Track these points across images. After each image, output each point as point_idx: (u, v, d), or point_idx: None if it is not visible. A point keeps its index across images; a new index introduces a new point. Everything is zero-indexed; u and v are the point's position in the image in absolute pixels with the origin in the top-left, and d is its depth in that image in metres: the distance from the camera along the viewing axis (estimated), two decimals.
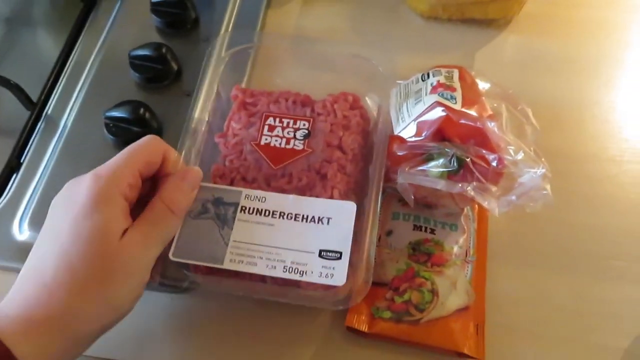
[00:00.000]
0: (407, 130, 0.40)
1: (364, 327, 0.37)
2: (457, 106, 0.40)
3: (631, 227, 0.43)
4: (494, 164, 0.37)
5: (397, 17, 0.55)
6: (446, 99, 0.40)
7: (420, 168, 0.38)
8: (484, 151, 0.38)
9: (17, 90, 0.47)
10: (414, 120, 0.40)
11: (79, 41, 0.53)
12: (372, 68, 0.46)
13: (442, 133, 0.39)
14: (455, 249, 0.41)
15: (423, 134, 0.39)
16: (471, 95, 0.41)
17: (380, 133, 0.40)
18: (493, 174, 0.38)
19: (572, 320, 0.39)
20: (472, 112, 0.40)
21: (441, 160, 0.38)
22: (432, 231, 0.41)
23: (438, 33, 0.54)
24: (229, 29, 0.54)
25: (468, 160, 0.37)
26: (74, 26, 0.54)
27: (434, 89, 0.41)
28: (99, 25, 0.54)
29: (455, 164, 0.37)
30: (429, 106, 0.40)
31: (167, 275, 0.35)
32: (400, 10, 0.56)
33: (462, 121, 0.39)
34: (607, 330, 0.39)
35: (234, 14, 0.56)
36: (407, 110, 0.42)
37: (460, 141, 0.39)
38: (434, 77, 0.42)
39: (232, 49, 0.49)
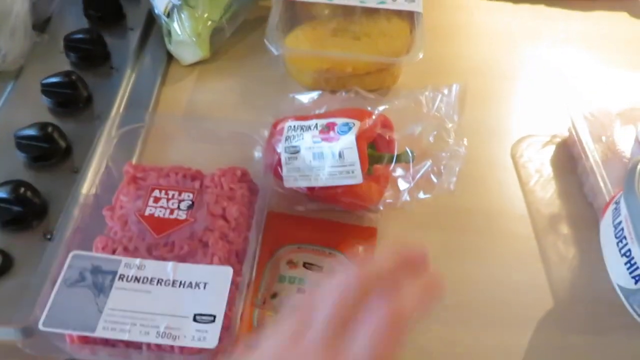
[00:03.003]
0: None
1: None
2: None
3: (497, 276, 0.49)
4: None
5: (285, 90, 0.62)
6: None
7: None
8: None
9: None
10: None
11: None
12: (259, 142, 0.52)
13: None
14: None
15: None
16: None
17: (259, 205, 0.45)
18: None
19: None
20: None
21: None
22: None
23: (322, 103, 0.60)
24: (122, 106, 0.59)
25: None
26: None
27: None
28: None
29: None
30: None
31: (38, 347, 0.37)
32: (288, 83, 0.63)
33: None
34: None
35: (128, 91, 0.61)
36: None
37: None
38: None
39: (123, 127, 0.53)
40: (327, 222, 0.52)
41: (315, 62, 0.60)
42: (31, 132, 0.51)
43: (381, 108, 0.47)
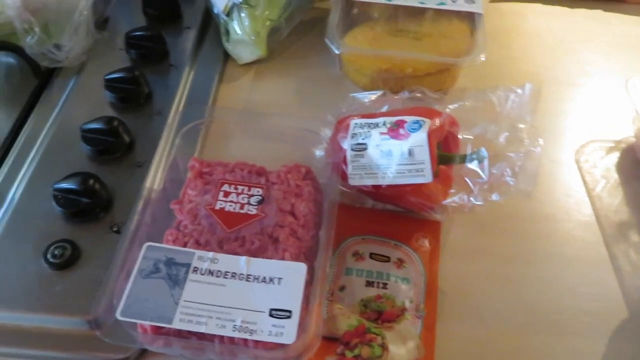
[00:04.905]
0: None
1: None
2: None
3: (567, 283, 0.48)
4: None
5: (341, 90, 0.61)
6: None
7: None
8: None
9: None
10: None
11: (31, 116, 0.57)
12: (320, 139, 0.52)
13: None
14: (407, 303, 0.44)
15: None
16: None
17: (328, 203, 0.45)
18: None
19: None
20: None
21: None
22: (385, 285, 0.45)
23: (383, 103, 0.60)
24: (182, 103, 0.59)
25: None
26: (27, 101, 0.58)
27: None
28: (52, 101, 0.58)
29: None
30: None
31: (114, 336, 0.37)
32: (344, 84, 0.63)
33: None
34: None
35: (187, 88, 0.61)
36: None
37: None
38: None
39: (184, 123, 0.53)
40: (389, 214, 0.52)
41: (375, 62, 0.60)
42: (97, 125, 0.52)
43: (451, 107, 0.47)
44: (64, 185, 0.47)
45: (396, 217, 0.52)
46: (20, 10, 0.55)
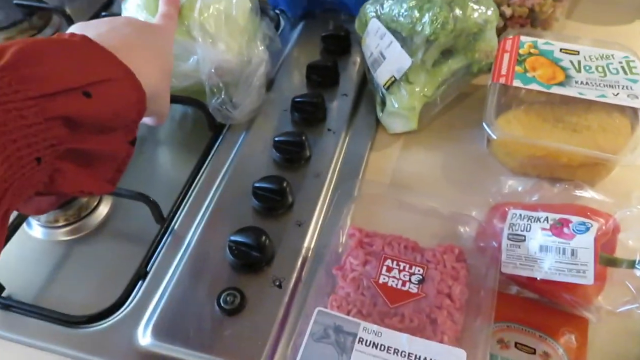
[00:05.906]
0: None
1: None
2: None
3: None
4: None
5: (487, 169, 0.63)
6: None
7: None
8: None
9: (154, 206, 0.57)
10: None
11: (205, 166, 0.64)
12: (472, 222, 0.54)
13: None
14: None
15: None
16: None
17: (487, 289, 0.46)
18: None
19: None
20: None
21: None
22: None
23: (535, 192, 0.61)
24: (337, 168, 0.64)
25: None
26: (204, 152, 0.65)
27: None
28: (225, 153, 0.65)
29: None
30: None
31: None
32: (490, 162, 0.65)
33: None
34: None
35: (342, 153, 0.66)
36: None
37: None
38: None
39: (339, 188, 0.58)
40: (534, 303, 0.52)
41: (529, 148, 0.61)
42: (269, 185, 0.57)
43: (620, 213, 0.47)
44: (240, 238, 0.53)
45: (541, 307, 0.52)
46: (211, 75, 0.62)
